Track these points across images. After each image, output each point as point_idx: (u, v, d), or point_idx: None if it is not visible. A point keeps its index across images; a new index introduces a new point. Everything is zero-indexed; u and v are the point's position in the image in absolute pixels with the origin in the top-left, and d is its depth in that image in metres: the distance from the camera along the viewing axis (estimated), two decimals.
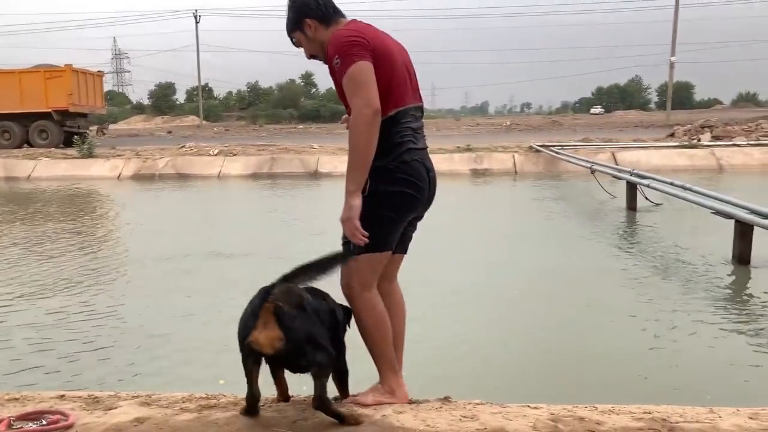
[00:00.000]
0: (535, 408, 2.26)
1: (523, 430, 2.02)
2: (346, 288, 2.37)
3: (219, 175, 17.57)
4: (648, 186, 9.50)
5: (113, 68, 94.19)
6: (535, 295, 5.74)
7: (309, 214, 11.13)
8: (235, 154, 18.81)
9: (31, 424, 2.13)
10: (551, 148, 17.79)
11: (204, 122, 53.86)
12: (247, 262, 7.33)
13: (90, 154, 19.03)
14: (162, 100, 73.75)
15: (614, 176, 11.30)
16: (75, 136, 20.99)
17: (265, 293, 2.08)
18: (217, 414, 2.27)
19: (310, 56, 2.47)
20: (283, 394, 2.43)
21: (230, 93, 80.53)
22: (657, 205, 10.49)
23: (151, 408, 2.35)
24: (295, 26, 2.42)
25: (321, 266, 2.17)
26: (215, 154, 18.89)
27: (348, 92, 2.21)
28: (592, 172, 12.56)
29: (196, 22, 50.52)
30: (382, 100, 2.19)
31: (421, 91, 2.48)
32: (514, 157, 17.94)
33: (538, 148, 18.07)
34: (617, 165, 14.06)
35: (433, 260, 6.52)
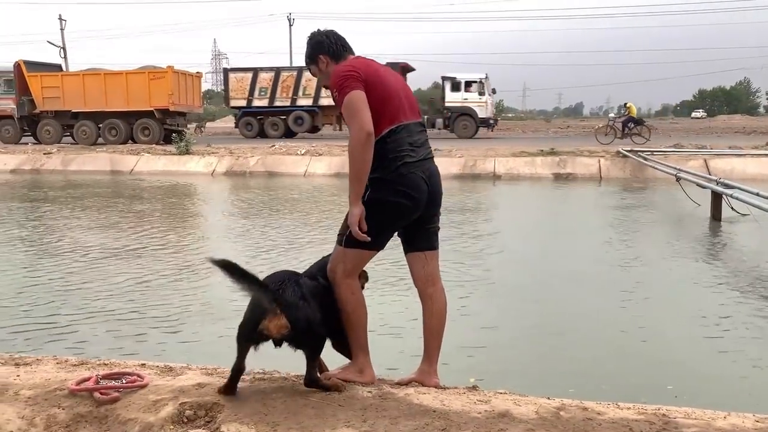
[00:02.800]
0: (551, 399, 2.46)
1: (527, 414, 2.23)
2: (331, 272, 2.69)
3: (305, 174, 18.29)
4: (732, 196, 9.19)
5: (213, 68, 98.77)
6: (613, 299, 5.85)
7: None
8: (320, 154, 19.49)
9: (113, 382, 2.54)
10: (639, 153, 17.31)
11: None
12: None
13: (187, 151, 20.24)
14: None
15: (699, 185, 10.96)
16: (174, 134, 22.39)
17: (274, 286, 2.42)
18: (264, 385, 2.61)
19: (324, 86, 2.84)
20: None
21: None
22: (744, 215, 10.10)
23: (212, 377, 2.73)
24: (310, 60, 2.80)
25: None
26: (302, 154, 19.66)
27: (346, 118, 2.56)
28: (678, 179, 12.20)
29: (290, 25, 52.35)
30: (376, 121, 2.52)
31: (419, 109, 2.81)
32: (599, 161, 17.60)
33: (626, 153, 17.62)
34: (709, 173, 13.54)
35: (514, 266, 6.72)
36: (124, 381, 2.56)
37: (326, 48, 2.75)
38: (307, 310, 2.43)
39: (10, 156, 20.91)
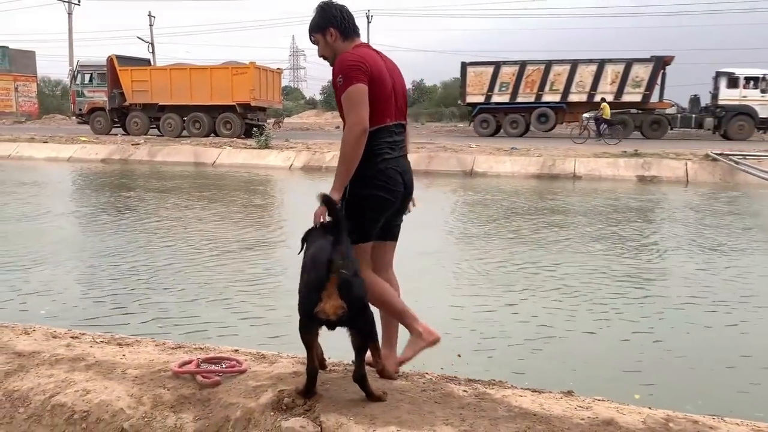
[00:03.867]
0: (655, 410, 2.35)
1: (634, 424, 2.14)
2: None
3: None
4: None
5: (291, 65, 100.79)
6: (707, 306, 5.60)
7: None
8: None
9: (213, 366, 2.61)
10: (730, 157, 16.46)
11: None
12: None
13: (266, 146, 20.74)
14: (333, 97, 77.65)
15: None
16: (254, 128, 22.98)
17: (328, 263, 2.26)
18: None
19: (322, 56, 2.86)
20: (321, 359, 2.64)
21: None
22: None
23: (305, 365, 2.75)
24: (318, 29, 2.81)
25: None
26: None
27: (345, 108, 2.63)
28: None
29: (368, 22, 52.79)
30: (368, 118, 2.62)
31: (406, 110, 2.91)
32: (686, 164, 16.85)
33: (716, 156, 16.79)
34: None
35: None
36: (224, 366, 2.63)
37: (338, 22, 2.78)
38: (362, 287, 2.35)
39: (101, 146, 22.02)
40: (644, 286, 6.30)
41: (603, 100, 24.57)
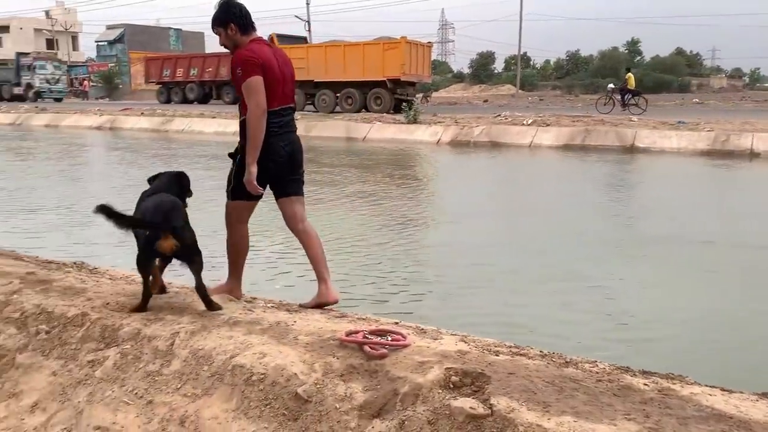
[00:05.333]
0: None
1: None
2: (227, 218, 3.54)
3: (530, 145, 17.82)
4: None
5: (439, 38, 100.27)
6: None
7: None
8: (548, 125, 18.82)
9: (379, 338, 2.64)
10: None
11: (519, 91, 54.50)
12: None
13: (415, 120, 20.86)
14: (481, 69, 76.27)
15: None
16: (403, 103, 23.18)
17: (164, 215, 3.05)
18: (525, 361, 2.51)
19: (223, 45, 3.43)
20: (161, 287, 3.44)
21: (547, 62, 79.75)
22: None
23: (469, 345, 2.70)
24: (220, 24, 3.36)
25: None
26: (528, 124, 19.14)
27: (245, 96, 3.26)
28: None
29: None
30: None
31: (293, 94, 3.59)
32: None
33: None
34: None
35: None
36: (389, 338, 2.64)
37: (237, 19, 3.34)
38: (190, 231, 3.13)
39: None
40: None
41: (628, 70, 24.53)
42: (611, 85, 25.65)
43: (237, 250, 3.58)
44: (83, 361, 2.74)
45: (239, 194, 3.41)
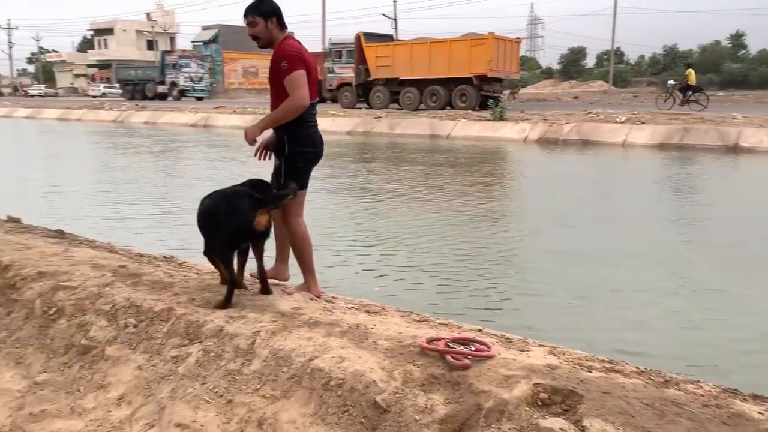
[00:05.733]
0: None
1: None
2: (284, 218, 3.60)
3: (623, 144, 17.06)
4: None
5: (528, 34, 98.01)
6: None
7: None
8: (643, 122, 17.94)
9: (462, 347, 2.51)
10: None
11: (612, 88, 52.41)
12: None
13: (501, 117, 20.43)
14: (571, 65, 73.88)
15: None
16: (490, 100, 22.77)
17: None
18: (621, 379, 2.32)
19: (254, 35, 3.47)
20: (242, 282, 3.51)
21: (642, 57, 76.21)
22: None
23: (559, 358, 2.53)
24: (262, 14, 3.43)
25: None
26: (622, 122, 18.32)
27: (289, 88, 3.35)
28: None
29: None
30: None
31: (317, 90, 3.65)
32: None
33: None
34: None
35: None
36: (472, 348, 2.51)
37: (279, 14, 3.45)
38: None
39: (347, 119, 23.60)
40: None
41: (689, 66, 24.57)
42: (671, 81, 25.19)
43: (302, 247, 3.65)
44: (167, 357, 2.78)
45: (301, 185, 3.55)
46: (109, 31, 71.03)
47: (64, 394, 2.77)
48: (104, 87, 57.45)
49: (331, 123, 22.87)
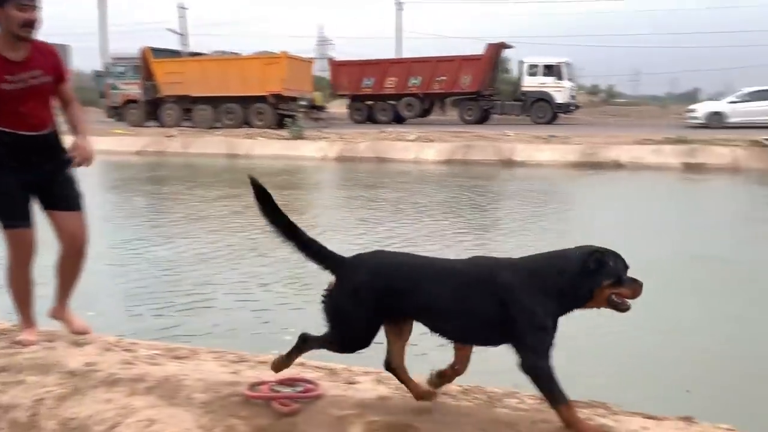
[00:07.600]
0: None
1: None
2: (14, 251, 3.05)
3: (414, 160, 18.04)
4: None
5: (317, 54, 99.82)
6: None
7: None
8: (432, 140, 19.16)
9: (288, 389, 2.32)
10: None
11: None
12: None
13: (300, 136, 20.50)
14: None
15: None
16: (286, 119, 22.74)
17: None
18: (450, 400, 2.30)
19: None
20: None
21: None
22: None
23: (389, 387, 2.45)
24: None
25: None
26: (412, 140, 19.39)
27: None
28: None
29: (399, 9, 52.03)
30: None
31: None
32: (735, 151, 16.17)
33: (765, 142, 16.09)
34: None
35: None
36: (298, 389, 2.33)
37: None
38: None
39: (135, 138, 22.02)
40: None
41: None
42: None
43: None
44: None
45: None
46: None
47: None
48: None
49: (118, 143, 21.16)
